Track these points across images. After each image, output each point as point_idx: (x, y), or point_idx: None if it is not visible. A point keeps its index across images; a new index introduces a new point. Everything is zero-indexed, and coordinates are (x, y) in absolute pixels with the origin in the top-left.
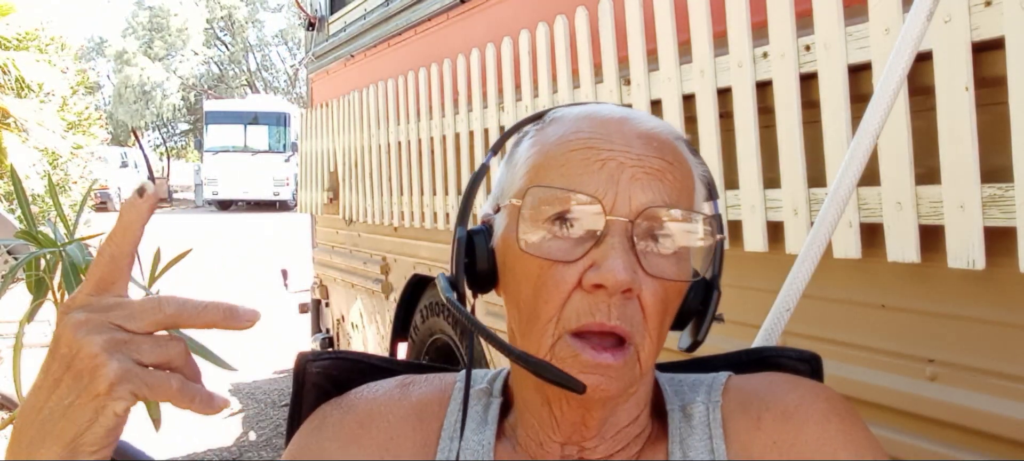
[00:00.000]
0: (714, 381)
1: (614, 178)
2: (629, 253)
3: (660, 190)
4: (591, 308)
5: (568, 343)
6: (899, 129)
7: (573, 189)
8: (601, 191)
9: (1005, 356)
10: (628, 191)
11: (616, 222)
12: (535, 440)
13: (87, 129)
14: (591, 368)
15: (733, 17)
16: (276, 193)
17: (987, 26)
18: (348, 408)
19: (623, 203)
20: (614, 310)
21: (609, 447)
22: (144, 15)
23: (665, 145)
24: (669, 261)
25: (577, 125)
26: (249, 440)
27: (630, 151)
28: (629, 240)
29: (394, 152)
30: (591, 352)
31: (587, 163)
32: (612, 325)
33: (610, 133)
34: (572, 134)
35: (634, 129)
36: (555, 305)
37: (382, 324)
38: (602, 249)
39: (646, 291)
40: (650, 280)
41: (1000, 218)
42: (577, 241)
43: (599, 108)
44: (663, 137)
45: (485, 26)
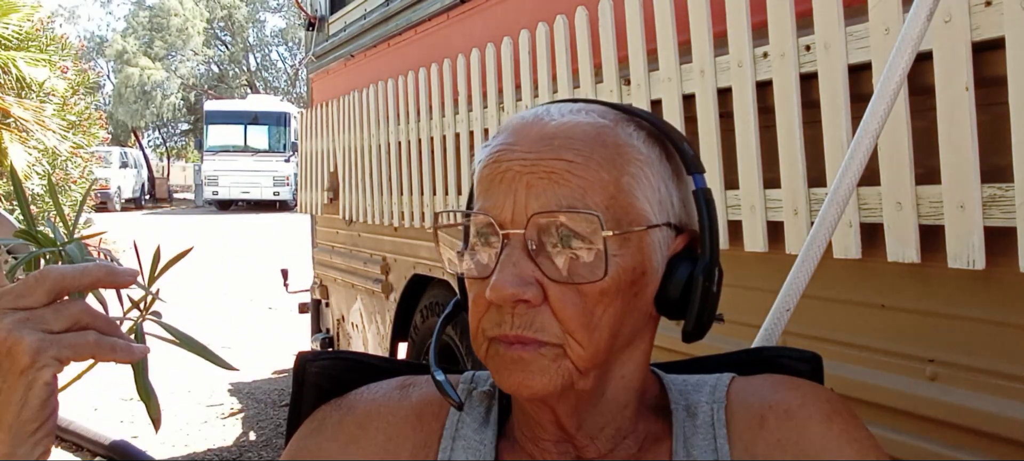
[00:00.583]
0: (718, 382)
1: (511, 189)
2: (523, 263)
3: (553, 193)
4: (499, 320)
5: (494, 345)
6: (899, 129)
7: (475, 210)
8: (497, 206)
9: (1005, 356)
10: (524, 200)
11: (513, 234)
12: (532, 439)
13: (87, 129)
14: (510, 364)
15: (733, 17)
16: (276, 193)
17: (987, 26)
18: (348, 409)
19: (520, 213)
20: (517, 320)
21: (602, 446)
22: (144, 15)
23: (570, 141)
24: (582, 264)
25: (496, 138)
26: (249, 440)
27: (527, 157)
28: (525, 250)
29: (394, 152)
30: (506, 347)
31: (492, 179)
32: (515, 335)
33: (517, 140)
34: (490, 150)
35: (540, 131)
36: (477, 319)
37: (382, 324)
38: (499, 264)
39: (553, 296)
40: (555, 285)
41: (1000, 218)
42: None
43: (523, 112)
44: (576, 132)
45: (485, 26)
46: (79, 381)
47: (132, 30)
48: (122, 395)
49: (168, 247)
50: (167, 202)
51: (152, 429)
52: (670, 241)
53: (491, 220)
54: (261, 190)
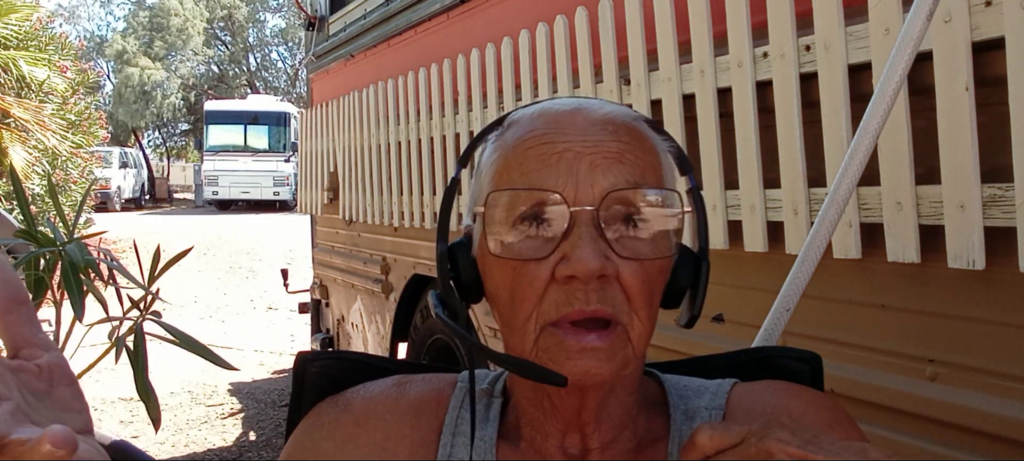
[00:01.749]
0: (719, 388)
1: (573, 169)
2: (598, 240)
3: (621, 172)
4: (568, 298)
5: (551, 332)
6: (899, 129)
7: (533, 186)
8: (561, 184)
9: (1005, 356)
10: (589, 179)
11: (581, 212)
12: (539, 432)
13: (87, 129)
14: (577, 353)
15: (733, 17)
16: (276, 193)
17: (987, 26)
18: (344, 407)
19: (585, 192)
20: (593, 296)
21: (606, 435)
22: (144, 15)
23: (621, 127)
24: (644, 241)
25: (532, 124)
26: (249, 440)
27: (586, 140)
28: (596, 227)
29: (394, 152)
30: (574, 336)
31: (544, 159)
32: (593, 309)
33: (564, 126)
34: (528, 133)
35: (587, 118)
36: (531, 302)
37: (382, 324)
38: (570, 241)
39: (625, 273)
40: (626, 261)
41: (1000, 218)
42: (546, 239)
43: (553, 103)
44: (619, 120)
45: (485, 26)
46: (79, 381)
47: (132, 30)
48: (122, 395)
49: (168, 247)
50: (167, 202)
51: (152, 429)
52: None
53: (560, 196)
54: (261, 190)
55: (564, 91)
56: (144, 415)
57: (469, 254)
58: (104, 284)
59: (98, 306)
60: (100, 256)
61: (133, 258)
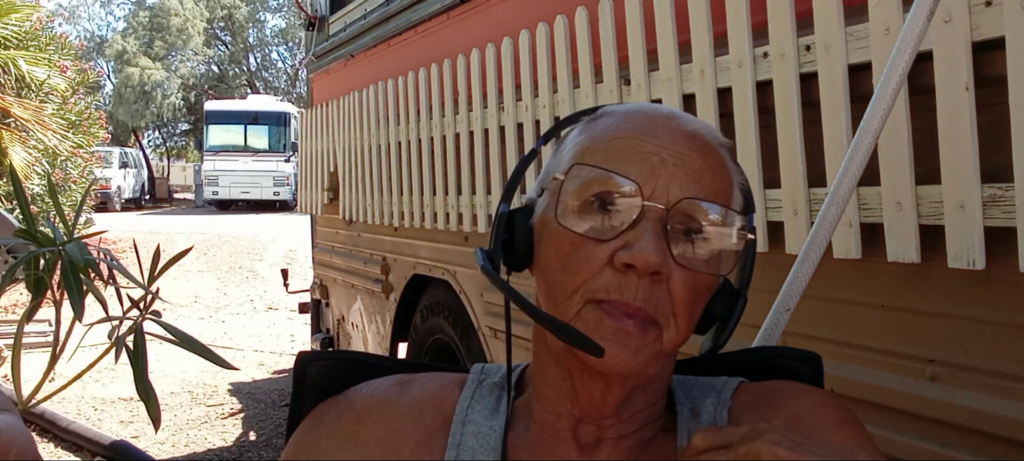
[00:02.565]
0: (725, 385)
1: (655, 169)
2: (661, 239)
3: (698, 188)
4: (620, 285)
5: (594, 309)
6: (899, 129)
7: (615, 171)
8: (641, 178)
9: (1005, 356)
10: (667, 183)
11: (652, 208)
12: (552, 412)
13: (87, 129)
14: (613, 334)
15: (733, 17)
16: (276, 193)
17: (987, 26)
18: (346, 406)
19: (661, 192)
20: (641, 291)
21: (624, 427)
22: (144, 15)
23: (708, 147)
24: (701, 256)
25: (627, 119)
26: (249, 440)
27: (673, 147)
28: (662, 227)
29: (394, 152)
30: (614, 317)
31: (631, 152)
32: (638, 305)
33: (656, 128)
34: (620, 125)
35: (680, 127)
36: (582, 277)
37: (382, 324)
38: (635, 231)
39: (676, 278)
40: (680, 269)
41: (1000, 218)
42: (612, 223)
43: (649, 106)
44: (707, 139)
45: (485, 26)
46: (79, 381)
47: (132, 30)
48: (122, 395)
49: (168, 247)
50: (167, 202)
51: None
52: None
53: (638, 186)
54: (261, 190)
55: (564, 92)
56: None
57: (527, 222)
58: (104, 284)
59: (98, 306)
60: (100, 256)
61: (133, 258)
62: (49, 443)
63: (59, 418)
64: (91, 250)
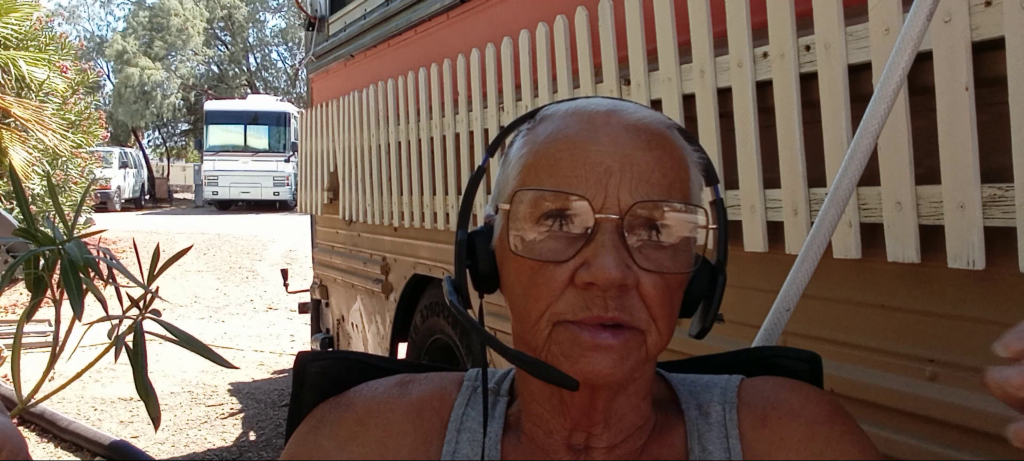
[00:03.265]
0: (728, 383)
1: (601, 179)
2: (620, 249)
3: (649, 184)
4: (586, 303)
5: (566, 328)
6: (899, 129)
7: (561, 189)
8: (590, 189)
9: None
10: (617, 190)
11: (606, 220)
12: (542, 429)
13: (87, 129)
14: (590, 349)
15: (733, 17)
16: (276, 193)
17: (987, 26)
18: (346, 407)
19: (612, 200)
20: (611, 303)
21: (614, 436)
22: (144, 15)
23: (654, 136)
24: (666, 253)
25: (565, 122)
26: (249, 440)
27: (616, 149)
28: (619, 237)
29: (394, 152)
30: (589, 332)
31: (575, 162)
32: (611, 316)
33: (597, 129)
34: (561, 132)
35: (622, 122)
36: (545, 302)
37: (382, 324)
38: (593, 247)
39: (645, 283)
40: (647, 273)
41: (1000, 218)
42: (569, 241)
43: (587, 103)
44: (653, 128)
45: (485, 26)
46: (79, 381)
47: (132, 30)
48: (122, 395)
49: (168, 247)
50: (167, 202)
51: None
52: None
53: (587, 202)
54: (261, 190)
55: (564, 91)
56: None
57: (488, 245)
58: (104, 283)
59: (98, 305)
60: (100, 255)
61: (133, 258)
62: (49, 443)
63: (59, 418)
64: (91, 249)
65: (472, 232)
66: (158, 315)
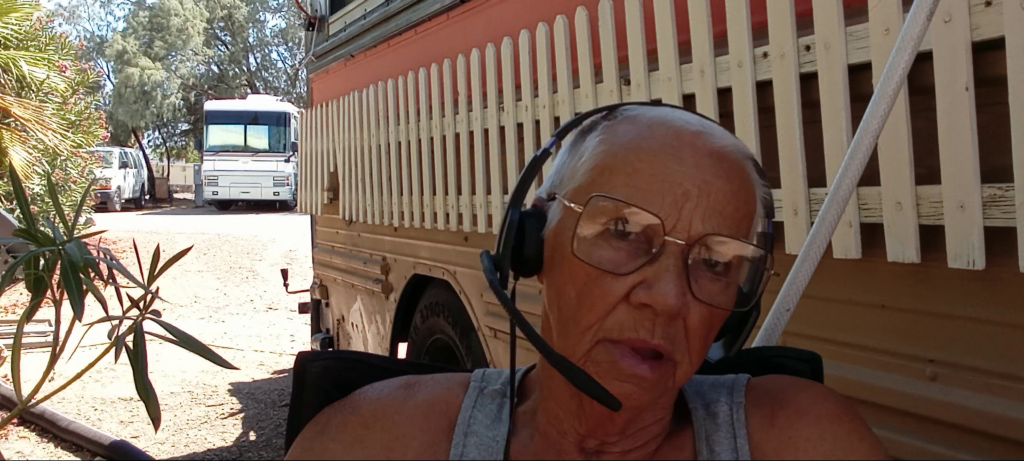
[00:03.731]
0: (735, 382)
1: (678, 201)
2: (681, 277)
3: (722, 218)
4: (635, 323)
5: (607, 348)
6: (899, 129)
7: (635, 204)
8: (664, 209)
9: (1005, 356)
10: (691, 215)
11: (673, 244)
12: (557, 428)
13: (87, 129)
14: (627, 377)
15: (733, 17)
16: (276, 193)
17: (987, 26)
18: (352, 410)
19: (684, 225)
20: (659, 329)
21: (630, 443)
22: (144, 15)
23: (734, 167)
24: (719, 286)
25: (650, 131)
26: (249, 440)
27: (699, 174)
28: (683, 263)
29: (394, 152)
30: (630, 360)
31: (653, 177)
32: (656, 343)
33: (682, 149)
34: (644, 141)
35: (707, 147)
36: (598, 314)
37: (382, 324)
38: (655, 269)
39: (693, 314)
40: (698, 304)
41: (1000, 218)
42: (630, 254)
43: (675, 116)
44: (734, 157)
45: (485, 26)
46: (79, 381)
47: (132, 30)
48: (122, 395)
49: (168, 247)
50: (167, 202)
51: (152, 429)
52: None
53: (660, 221)
54: (261, 190)
55: (564, 92)
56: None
57: (539, 231)
58: (104, 283)
59: (98, 305)
60: (100, 255)
61: (133, 258)
62: (49, 443)
63: (59, 418)
64: (91, 250)
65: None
66: (158, 315)
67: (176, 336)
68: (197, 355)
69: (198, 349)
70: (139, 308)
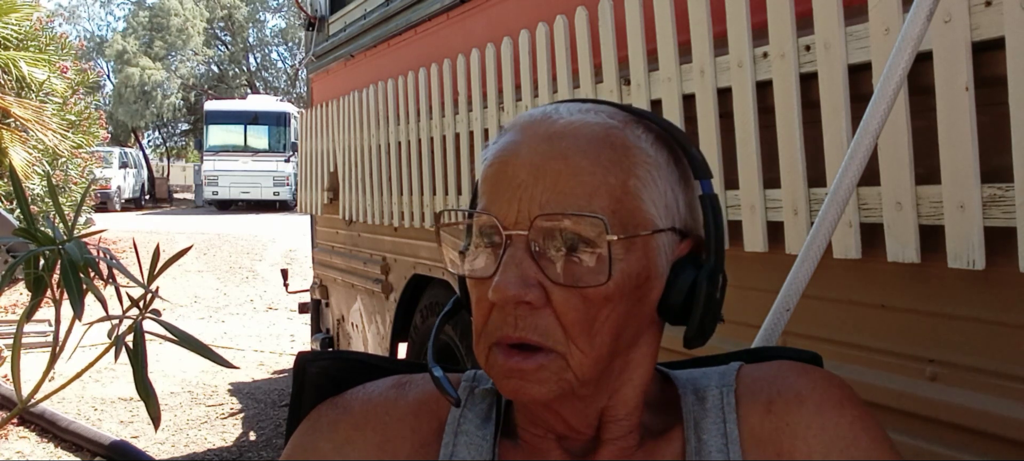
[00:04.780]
0: (726, 369)
1: (515, 193)
2: (524, 265)
3: (553, 197)
4: (501, 322)
5: (494, 351)
6: (899, 129)
7: (478, 210)
8: (502, 208)
9: (1005, 356)
10: (528, 204)
11: (515, 235)
12: (534, 433)
13: (87, 129)
14: (507, 372)
15: (733, 17)
16: (276, 193)
17: (987, 26)
18: (344, 409)
19: (524, 216)
20: (520, 322)
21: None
22: (144, 15)
23: (574, 143)
24: (583, 268)
25: (504, 136)
26: (249, 440)
27: (532, 159)
28: (527, 252)
29: (394, 152)
30: (504, 357)
31: (498, 178)
32: (517, 336)
33: (520, 143)
34: (494, 149)
35: (548, 129)
36: (480, 321)
37: (382, 324)
38: (502, 264)
39: (557, 299)
40: (559, 288)
41: (1000, 218)
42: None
43: (532, 111)
44: (583, 132)
45: (485, 26)
46: (79, 381)
47: (132, 30)
48: (122, 395)
49: (168, 247)
50: (167, 202)
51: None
52: (675, 246)
53: (495, 220)
54: (261, 190)
55: (564, 92)
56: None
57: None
58: (104, 283)
59: (98, 305)
60: (100, 255)
61: (133, 258)
62: (49, 443)
63: (59, 418)
64: (91, 249)
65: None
66: (158, 315)
67: (176, 335)
68: (197, 355)
69: (198, 348)
70: (139, 307)
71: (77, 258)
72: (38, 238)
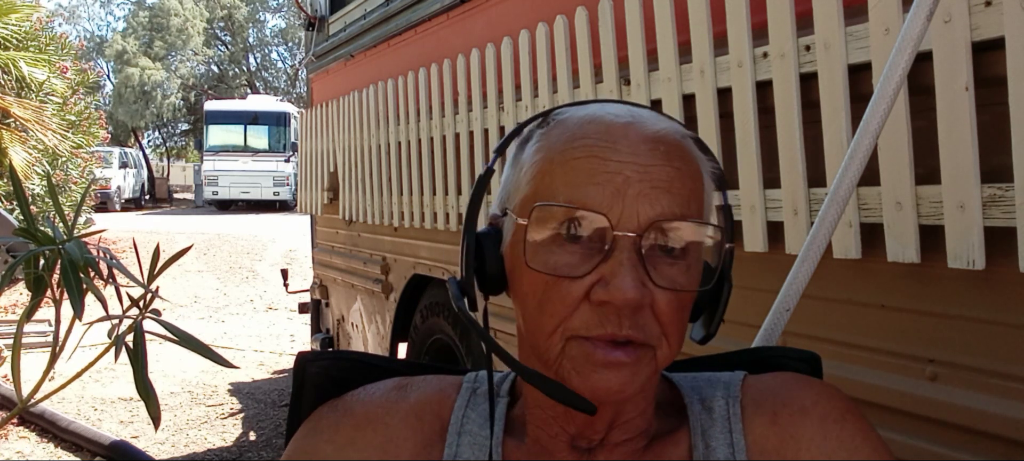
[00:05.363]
0: (732, 379)
1: (621, 191)
2: (637, 267)
3: (668, 201)
4: (601, 320)
5: (579, 343)
6: (899, 129)
7: (578, 204)
8: (607, 204)
9: (1005, 356)
10: (635, 204)
11: (624, 237)
12: (546, 432)
13: (87, 129)
14: (603, 365)
15: (733, 17)
16: (276, 193)
17: (987, 26)
18: (345, 411)
19: (631, 217)
20: (625, 321)
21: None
22: (144, 15)
23: (672, 148)
24: (680, 269)
25: (582, 130)
26: (249, 440)
27: (636, 160)
28: (637, 254)
29: (394, 152)
30: (603, 350)
31: (593, 174)
32: (625, 334)
33: (615, 140)
34: (577, 140)
35: (640, 133)
36: (560, 317)
37: (382, 324)
38: (610, 265)
39: (659, 300)
40: (662, 291)
41: (1000, 218)
42: (584, 256)
43: (605, 109)
44: (670, 139)
45: (485, 26)
46: (79, 381)
47: (132, 30)
48: (122, 395)
49: (168, 247)
50: (167, 202)
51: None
52: None
53: (606, 218)
54: (261, 190)
55: (564, 92)
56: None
57: (497, 248)
58: (104, 283)
59: (98, 305)
60: (100, 255)
61: (133, 258)
62: (49, 443)
63: (59, 418)
64: (91, 249)
65: (480, 233)
66: (158, 315)
67: (176, 335)
68: (197, 355)
69: (198, 348)
70: (139, 307)
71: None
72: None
